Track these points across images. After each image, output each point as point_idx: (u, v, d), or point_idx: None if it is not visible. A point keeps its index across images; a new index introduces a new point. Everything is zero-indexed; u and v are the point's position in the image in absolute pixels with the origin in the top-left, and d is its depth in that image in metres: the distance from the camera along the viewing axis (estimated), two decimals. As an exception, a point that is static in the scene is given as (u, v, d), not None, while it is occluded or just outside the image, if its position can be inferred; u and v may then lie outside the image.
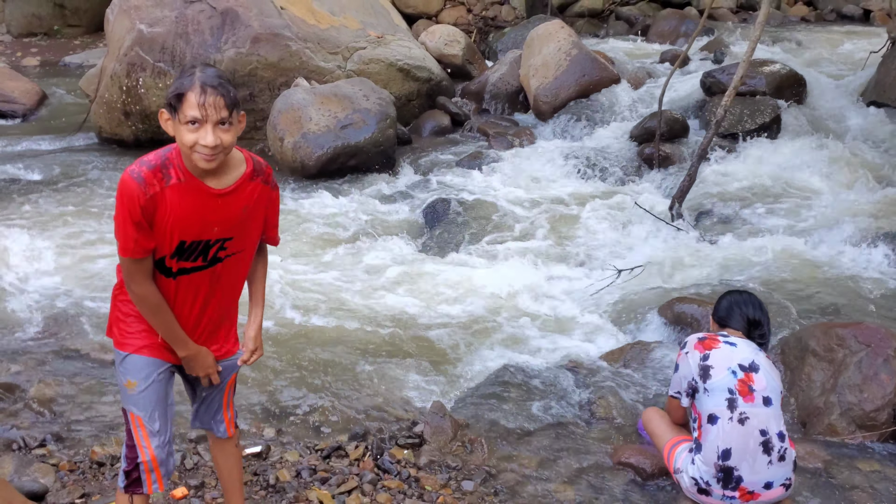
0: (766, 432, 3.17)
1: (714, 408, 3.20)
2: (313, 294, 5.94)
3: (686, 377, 3.30)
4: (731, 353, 3.27)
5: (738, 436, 3.16)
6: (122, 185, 2.41)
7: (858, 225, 6.62)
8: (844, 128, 9.09)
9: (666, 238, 6.44)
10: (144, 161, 2.45)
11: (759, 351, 3.35)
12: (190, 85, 2.35)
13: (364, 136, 8.36)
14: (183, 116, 2.37)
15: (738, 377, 3.21)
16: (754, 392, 3.20)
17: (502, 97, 10.34)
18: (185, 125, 2.37)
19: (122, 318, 2.69)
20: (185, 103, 2.36)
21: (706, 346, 3.29)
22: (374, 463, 3.90)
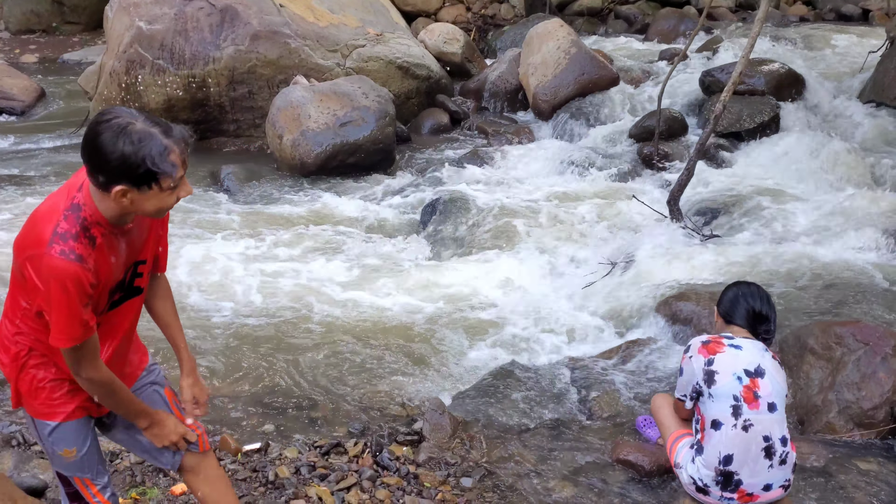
0: (769, 438, 3.15)
1: (718, 414, 3.18)
2: (313, 291, 5.94)
3: (690, 381, 3.26)
4: (736, 357, 3.21)
5: (741, 442, 3.14)
6: (59, 273, 2.08)
7: (857, 223, 6.63)
8: (843, 127, 9.10)
9: (664, 235, 6.45)
10: (64, 234, 2.12)
11: (766, 352, 3.28)
12: (167, 153, 2.08)
13: (363, 134, 8.36)
14: (166, 185, 2.13)
15: (743, 383, 3.17)
16: (759, 398, 3.16)
17: (501, 95, 10.35)
18: (166, 192, 2.15)
19: (40, 387, 2.37)
20: (165, 176, 2.11)
21: (710, 351, 3.24)
22: (373, 460, 3.90)
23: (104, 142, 2.08)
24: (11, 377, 2.39)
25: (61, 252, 2.11)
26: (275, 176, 8.47)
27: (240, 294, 5.85)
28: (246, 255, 6.50)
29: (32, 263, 2.13)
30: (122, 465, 3.76)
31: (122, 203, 2.15)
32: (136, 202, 2.15)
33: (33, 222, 2.19)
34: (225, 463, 3.83)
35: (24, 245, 2.18)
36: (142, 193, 2.13)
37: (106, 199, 2.16)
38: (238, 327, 5.38)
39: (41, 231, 2.14)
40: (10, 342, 2.35)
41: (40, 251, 2.11)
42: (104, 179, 2.12)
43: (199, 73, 9.09)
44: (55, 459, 2.49)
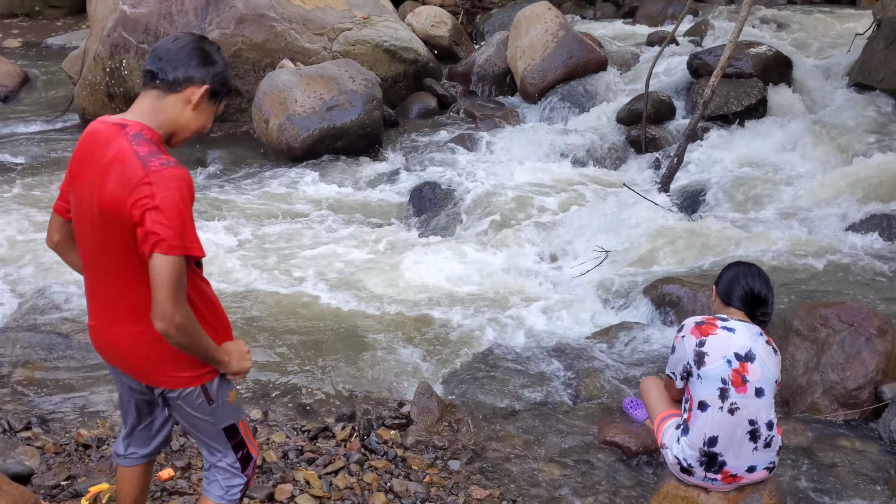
0: (754, 422, 3.16)
1: (705, 395, 3.18)
2: (299, 276, 5.93)
3: (681, 360, 3.27)
4: (728, 340, 3.20)
5: (727, 424, 3.15)
6: (182, 181, 2.15)
7: (843, 206, 6.67)
8: (830, 109, 9.13)
9: (653, 219, 6.45)
10: (149, 153, 2.18)
11: (760, 336, 3.26)
12: (235, 85, 2.42)
13: (350, 118, 8.32)
14: (220, 108, 2.38)
15: (732, 367, 3.16)
16: (748, 383, 3.16)
17: (489, 79, 10.31)
18: (215, 112, 2.37)
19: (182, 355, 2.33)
20: (227, 97, 2.38)
21: (703, 332, 3.23)
22: (360, 443, 3.91)
23: (210, 51, 2.31)
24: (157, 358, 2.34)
25: (162, 163, 2.16)
26: (261, 160, 8.43)
27: (225, 279, 5.83)
28: (231, 240, 6.47)
29: (143, 193, 2.11)
30: (108, 450, 3.75)
31: (192, 105, 2.27)
32: (197, 108, 2.28)
33: (111, 174, 2.17)
34: (212, 448, 3.83)
35: (126, 180, 2.14)
36: (208, 104, 2.31)
37: (167, 108, 2.27)
38: (225, 312, 5.36)
39: (130, 168, 2.15)
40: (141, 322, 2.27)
41: (145, 177, 2.13)
42: (195, 76, 2.26)
43: (184, 57, 9.01)
44: (224, 413, 2.44)
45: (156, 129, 2.27)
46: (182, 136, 2.34)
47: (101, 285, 2.37)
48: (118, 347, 2.39)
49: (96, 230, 2.27)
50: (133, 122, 2.26)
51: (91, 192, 2.25)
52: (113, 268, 2.30)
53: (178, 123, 2.30)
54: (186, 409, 2.42)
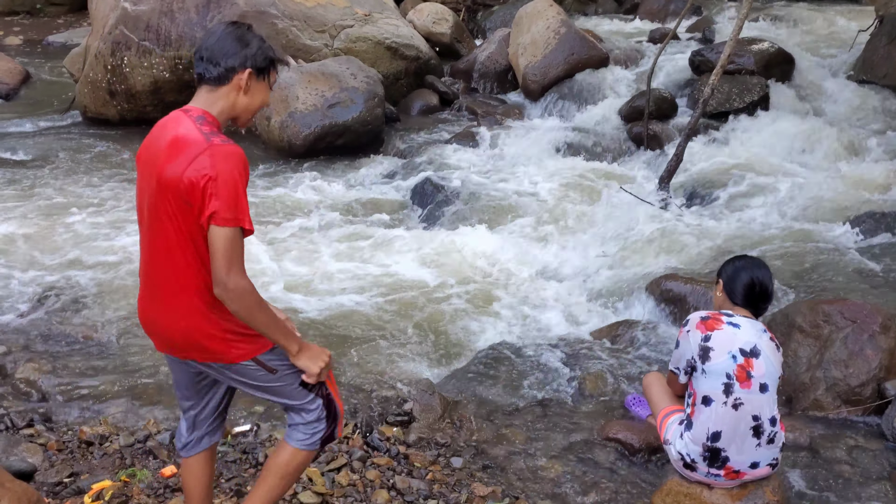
0: (758, 418, 3.16)
1: (709, 390, 3.18)
2: (301, 272, 5.92)
3: (685, 355, 3.26)
4: (733, 335, 3.20)
5: (731, 419, 3.15)
6: (230, 154, 2.27)
7: (846, 203, 6.65)
8: (832, 106, 9.11)
9: (654, 217, 6.45)
10: (211, 132, 2.32)
11: (764, 332, 3.26)
12: (279, 54, 2.50)
13: (352, 115, 8.31)
14: (272, 79, 2.49)
15: (737, 362, 3.16)
16: (752, 378, 3.15)
17: (491, 76, 10.30)
18: (269, 86, 2.48)
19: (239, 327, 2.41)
20: (275, 69, 2.49)
21: (708, 327, 3.23)
22: (363, 440, 3.91)
23: (242, 34, 2.42)
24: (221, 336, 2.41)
25: (223, 140, 2.30)
26: (263, 158, 8.42)
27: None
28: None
29: (202, 158, 2.24)
30: (111, 447, 3.76)
31: (242, 90, 2.40)
32: (248, 91, 2.41)
33: (174, 149, 2.30)
34: (215, 445, 3.83)
35: (182, 160, 2.26)
36: (258, 82, 2.43)
37: (221, 98, 2.40)
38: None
39: (191, 142, 2.28)
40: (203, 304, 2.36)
41: (205, 146, 2.26)
42: (235, 65, 2.38)
43: (185, 55, 9.00)
44: (288, 374, 2.48)
45: (216, 115, 2.41)
46: (246, 117, 2.48)
47: (149, 263, 2.45)
48: (162, 326, 2.46)
49: (153, 205, 2.36)
50: (195, 108, 2.41)
51: (152, 168, 2.36)
52: (161, 243, 2.37)
53: (237, 109, 2.44)
54: (249, 381, 2.48)
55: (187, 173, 2.25)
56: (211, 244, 2.27)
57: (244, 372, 2.46)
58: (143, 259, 2.49)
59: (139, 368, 4.60)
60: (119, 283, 5.63)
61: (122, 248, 6.16)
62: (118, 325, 5.09)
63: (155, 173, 2.34)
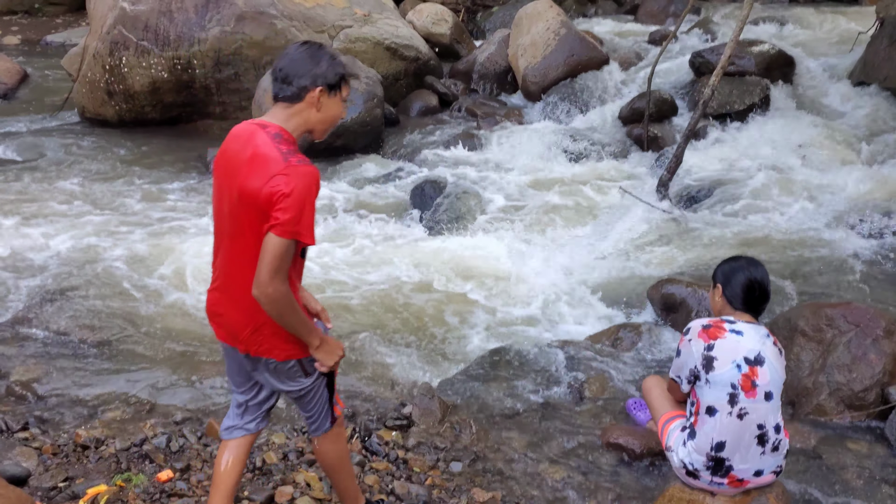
0: (763, 426, 3.12)
1: (714, 401, 3.13)
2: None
3: (688, 364, 3.21)
4: (737, 344, 3.14)
5: (735, 430, 3.11)
6: (307, 174, 2.45)
7: (846, 204, 6.62)
8: (833, 108, 9.08)
9: (654, 219, 6.41)
10: (289, 151, 2.49)
11: (767, 338, 3.21)
12: (350, 70, 2.66)
13: (351, 116, 8.27)
14: (345, 94, 2.63)
15: (742, 371, 3.11)
16: (757, 387, 3.11)
17: (490, 77, 10.26)
18: (343, 101, 2.63)
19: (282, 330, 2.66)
20: (347, 84, 2.63)
21: (711, 335, 3.17)
22: (361, 445, 3.86)
23: (313, 53, 2.57)
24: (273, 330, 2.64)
25: (300, 161, 2.48)
26: (262, 159, 8.38)
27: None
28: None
29: (279, 176, 2.43)
30: (107, 451, 3.71)
31: (316, 108, 2.56)
32: (322, 107, 2.57)
33: (254, 164, 2.48)
34: (212, 449, 3.79)
35: (261, 174, 2.45)
36: (330, 98, 2.58)
37: (296, 115, 2.57)
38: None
39: (271, 160, 2.47)
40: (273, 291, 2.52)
41: (284, 169, 2.44)
42: (307, 84, 2.54)
43: (184, 55, 8.97)
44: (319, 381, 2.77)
45: (291, 131, 2.58)
46: (321, 129, 2.65)
47: (227, 262, 2.66)
48: (231, 320, 2.69)
49: (233, 212, 2.56)
50: (272, 124, 2.57)
51: (232, 179, 2.54)
52: (240, 247, 2.58)
53: (311, 123, 2.61)
54: (284, 378, 2.72)
55: (265, 189, 2.44)
56: (263, 248, 2.48)
57: (283, 371, 2.70)
58: (221, 258, 2.70)
59: (136, 371, 4.56)
60: (116, 285, 5.59)
61: (119, 249, 6.12)
62: (115, 328, 5.05)
63: (236, 186, 2.53)
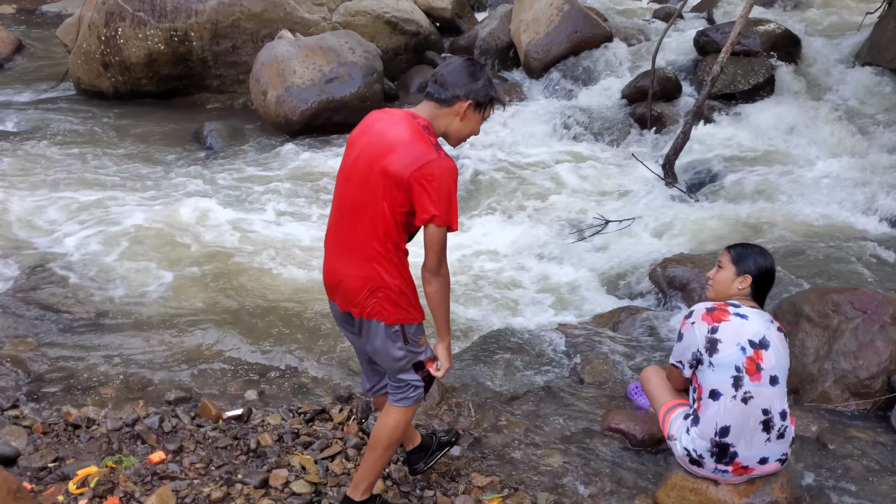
0: (768, 411, 3.05)
1: (718, 384, 3.06)
2: (300, 254, 5.80)
3: (690, 348, 3.14)
4: (741, 326, 3.08)
5: (739, 414, 3.04)
6: (452, 169, 2.72)
7: (852, 187, 6.53)
8: (839, 89, 8.93)
9: (658, 198, 6.32)
10: (437, 145, 2.74)
11: (772, 323, 3.15)
12: (499, 96, 2.85)
13: (350, 91, 8.15)
14: (486, 114, 2.86)
15: (746, 354, 3.04)
16: (762, 371, 3.04)
17: (492, 53, 10.10)
18: (482, 119, 2.85)
19: (406, 296, 2.88)
20: (492, 107, 2.84)
21: (715, 318, 3.10)
22: (358, 427, 3.79)
23: (473, 70, 2.80)
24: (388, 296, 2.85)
25: (445, 156, 2.73)
26: (259, 133, 8.27)
27: (224, 255, 5.70)
28: (230, 216, 6.32)
29: (428, 169, 2.67)
30: (98, 431, 3.64)
31: (460, 117, 2.78)
32: (464, 119, 2.80)
33: (409, 145, 2.70)
34: (205, 430, 3.72)
35: (411, 161, 2.68)
36: (474, 114, 2.80)
37: (442, 117, 2.79)
38: (220, 289, 5.23)
39: (423, 148, 2.70)
40: (383, 269, 2.82)
41: (433, 158, 2.68)
42: (461, 94, 2.76)
43: (180, 27, 8.81)
44: (413, 353, 2.93)
45: (435, 129, 2.81)
46: (456, 138, 2.87)
47: (350, 231, 2.84)
48: (349, 286, 2.87)
49: (368, 184, 2.76)
50: (421, 117, 2.78)
51: (376, 155, 2.74)
52: (368, 218, 2.78)
53: (451, 130, 2.82)
54: (385, 339, 2.88)
55: (415, 174, 2.67)
56: (428, 240, 2.76)
57: (387, 333, 2.87)
58: (344, 227, 2.87)
59: (129, 348, 4.48)
60: (109, 260, 5.50)
61: (113, 224, 6.02)
62: (108, 304, 4.97)
63: (380, 162, 2.72)
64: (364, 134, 2.83)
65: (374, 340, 2.91)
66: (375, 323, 2.87)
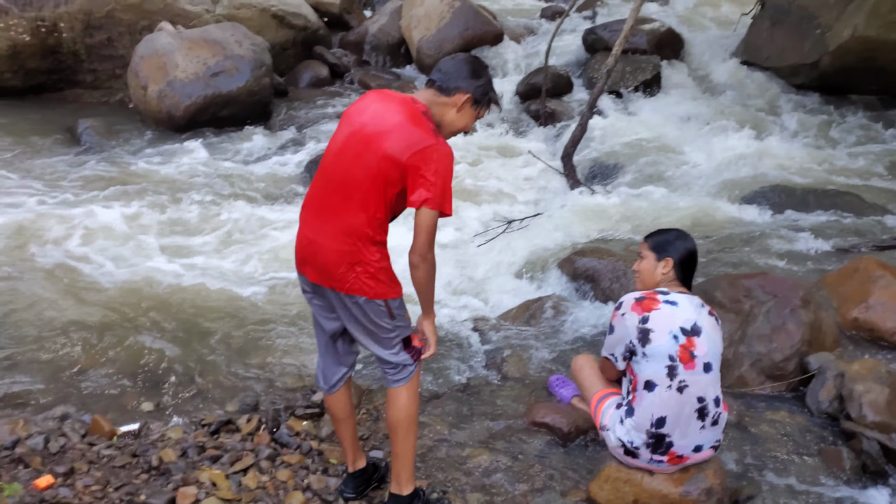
0: (703, 399, 3.00)
1: (652, 375, 2.98)
2: (189, 254, 5.43)
3: (622, 340, 3.05)
4: (672, 314, 3.01)
5: (675, 404, 2.97)
6: (449, 154, 2.74)
7: (744, 178, 6.72)
8: (721, 86, 9.30)
9: (558, 192, 6.31)
10: (435, 131, 2.75)
11: (702, 308, 3.10)
12: (496, 99, 2.92)
13: (237, 85, 7.78)
14: (482, 113, 2.91)
15: (679, 342, 2.97)
16: (695, 358, 2.98)
17: (383, 49, 9.93)
18: (476, 117, 2.90)
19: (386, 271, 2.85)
20: (487, 109, 2.90)
21: (645, 308, 3.02)
22: (270, 437, 3.53)
23: (477, 67, 2.86)
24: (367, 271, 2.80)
25: (443, 141, 2.76)
26: (140, 130, 7.77)
27: (105, 259, 5.26)
28: (112, 218, 5.86)
29: (426, 153, 2.69)
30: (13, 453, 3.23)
31: (457, 108, 2.82)
32: (460, 111, 2.84)
33: (408, 129, 2.72)
34: (99, 448, 3.36)
35: (409, 144, 2.69)
36: (470, 109, 2.86)
37: (439, 105, 2.82)
38: (106, 294, 4.81)
39: (422, 132, 2.72)
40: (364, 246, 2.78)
41: (432, 143, 2.71)
42: (462, 87, 2.80)
43: (48, 16, 8.18)
44: (400, 327, 2.91)
45: (432, 115, 2.83)
46: (449, 130, 2.87)
47: (334, 206, 2.80)
48: (325, 259, 2.82)
49: (363, 164, 2.74)
50: (421, 103, 2.82)
51: (373, 134, 2.74)
52: (356, 195, 2.75)
53: (445, 120, 2.84)
54: (370, 315, 2.84)
55: (412, 158, 2.68)
56: (419, 223, 2.74)
57: (371, 308, 2.82)
58: (330, 197, 2.80)
59: (8, 359, 4.03)
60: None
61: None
62: (-23, 315, 4.47)
63: (377, 142, 2.72)
64: (361, 112, 2.83)
65: (358, 317, 2.86)
66: (357, 299, 2.82)
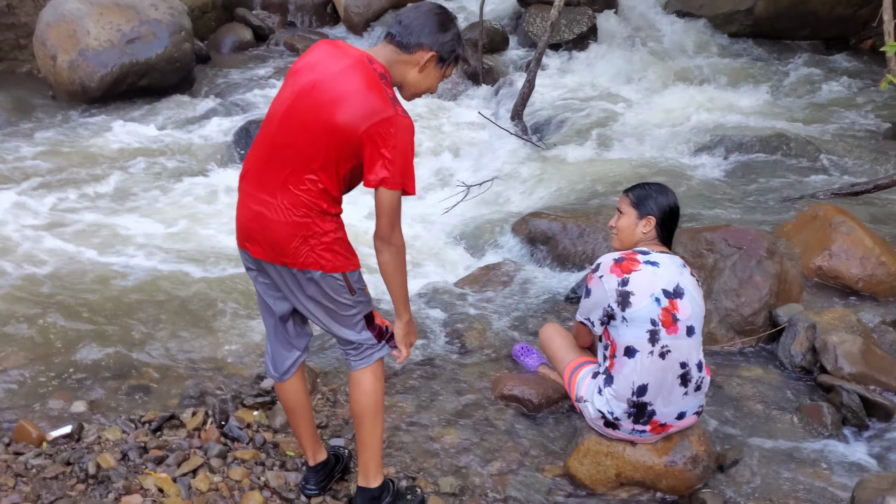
0: (686, 364, 2.83)
1: (633, 340, 2.80)
2: (114, 236, 5.02)
3: (600, 304, 2.85)
4: (653, 276, 2.82)
5: (658, 370, 2.79)
6: (409, 127, 2.44)
7: (689, 129, 6.60)
8: (656, 35, 9.17)
9: (509, 152, 6.08)
10: (395, 99, 2.46)
11: (684, 268, 2.92)
12: (466, 55, 2.65)
13: (156, 52, 7.27)
14: (447, 72, 2.61)
15: (661, 305, 2.79)
16: (678, 322, 2.80)
17: (308, 9, 9.48)
18: (442, 76, 2.60)
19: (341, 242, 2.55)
20: (454, 66, 2.61)
21: (624, 269, 2.83)
22: (219, 431, 3.24)
23: (444, 20, 2.53)
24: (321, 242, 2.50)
25: (402, 112, 2.45)
26: (51, 104, 7.22)
27: (20, 247, 4.81)
28: (27, 200, 5.39)
29: (383, 126, 2.39)
30: None
31: (419, 68, 2.52)
32: (423, 71, 2.54)
33: (363, 96, 2.40)
34: (27, 458, 3.02)
35: (365, 115, 2.39)
36: (435, 69, 2.56)
37: (400, 64, 2.52)
38: (23, 286, 4.38)
39: (379, 101, 2.41)
40: (317, 217, 2.48)
41: (391, 114, 2.40)
42: (425, 43, 2.50)
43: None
44: (362, 303, 2.63)
45: (392, 77, 2.52)
46: (410, 92, 2.60)
47: (279, 177, 2.49)
48: (275, 234, 2.51)
49: (311, 134, 2.44)
50: (378, 62, 2.50)
51: (323, 103, 2.43)
52: (303, 167, 2.46)
53: (407, 80, 2.56)
54: (328, 292, 2.55)
55: (367, 132, 2.39)
56: (379, 204, 2.45)
57: (328, 283, 2.54)
58: (274, 166, 2.51)
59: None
60: None
61: None
62: None
63: (329, 114, 2.42)
64: (310, 70, 2.50)
65: (314, 294, 2.57)
66: (312, 274, 2.53)
